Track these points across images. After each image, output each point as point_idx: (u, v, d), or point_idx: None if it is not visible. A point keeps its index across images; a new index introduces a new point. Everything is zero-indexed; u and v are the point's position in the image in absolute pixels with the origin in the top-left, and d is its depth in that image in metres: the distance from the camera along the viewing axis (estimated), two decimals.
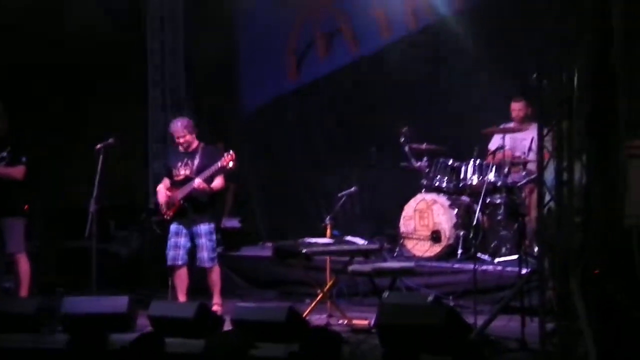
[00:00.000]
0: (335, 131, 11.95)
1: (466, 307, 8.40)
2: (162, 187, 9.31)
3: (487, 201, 10.00)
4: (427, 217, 10.20)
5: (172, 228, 9.19)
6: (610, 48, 7.29)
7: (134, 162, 12.21)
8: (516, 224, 9.39)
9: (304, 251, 8.68)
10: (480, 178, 10.09)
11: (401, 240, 10.34)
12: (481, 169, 10.12)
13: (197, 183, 9.02)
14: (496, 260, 9.67)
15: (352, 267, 8.91)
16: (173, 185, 9.25)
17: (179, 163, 9.23)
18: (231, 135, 11.84)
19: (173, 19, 12.50)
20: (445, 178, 10.34)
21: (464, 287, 8.90)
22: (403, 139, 10.46)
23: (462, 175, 10.25)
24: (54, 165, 11.01)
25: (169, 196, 9.19)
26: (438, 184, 10.36)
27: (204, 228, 9.14)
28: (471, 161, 10.19)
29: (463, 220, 10.11)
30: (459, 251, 10.00)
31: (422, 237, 10.19)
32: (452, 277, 9.52)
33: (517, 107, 10.17)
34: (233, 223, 11.33)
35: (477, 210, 9.90)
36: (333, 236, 9.22)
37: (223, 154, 9.00)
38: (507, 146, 10.00)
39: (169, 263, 9.17)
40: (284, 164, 12.14)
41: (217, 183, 9.16)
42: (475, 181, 10.15)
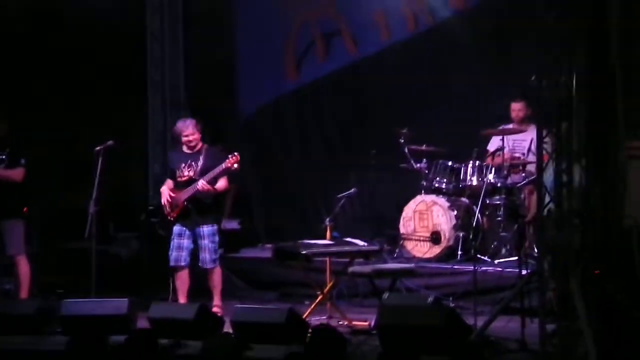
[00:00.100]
0: (334, 132, 11.93)
1: (466, 308, 8.40)
2: (166, 189, 9.28)
3: (487, 202, 10.00)
4: (427, 219, 10.20)
5: (175, 229, 9.17)
6: (609, 49, 7.29)
7: (134, 163, 12.20)
8: (516, 225, 9.39)
9: (304, 252, 8.68)
10: (479, 179, 10.09)
11: (401, 241, 10.34)
12: (481, 170, 10.12)
13: (201, 185, 9.01)
14: (496, 261, 9.67)
15: (352, 269, 8.91)
16: (176, 186, 9.23)
17: (183, 164, 9.22)
18: (230, 136, 11.83)
19: (173, 20, 12.49)
20: (444, 179, 10.34)
21: (464, 288, 8.90)
22: (402, 141, 10.46)
23: (462, 176, 10.25)
24: (54, 166, 10.99)
25: (173, 197, 9.18)
26: (438, 186, 10.35)
27: (207, 229, 9.13)
28: (470, 162, 10.19)
29: (463, 221, 10.10)
30: (459, 252, 9.99)
31: (422, 239, 10.19)
32: (452, 278, 9.52)
33: (517, 108, 10.17)
34: (232, 225, 11.31)
35: (477, 211, 9.90)
36: (333, 238, 9.23)
37: (227, 156, 9.00)
38: (506, 147, 10.00)
39: (172, 264, 9.17)
40: (284, 165, 12.12)
41: (221, 184, 9.15)
42: (474, 182, 10.15)
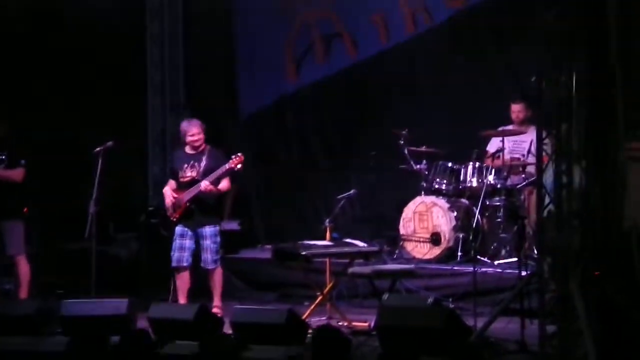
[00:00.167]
0: (334, 133, 11.94)
1: (466, 309, 8.41)
2: (168, 189, 9.29)
3: (487, 203, 10.00)
4: (427, 220, 10.20)
5: (177, 230, 9.17)
6: (609, 49, 7.29)
7: (134, 164, 12.20)
8: (516, 226, 9.39)
9: (304, 253, 8.68)
10: (479, 180, 10.10)
11: (401, 242, 10.34)
12: (480, 172, 10.12)
13: (204, 186, 9.01)
14: (496, 262, 9.67)
15: (352, 270, 8.91)
16: (179, 187, 9.24)
17: (185, 165, 9.22)
18: (230, 136, 11.82)
19: (173, 20, 12.50)
20: (444, 180, 10.34)
21: (464, 289, 8.91)
22: (402, 142, 10.46)
23: (462, 177, 10.26)
24: (54, 166, 10.99)
25: (175, 198, 9.18)
26: (437, 187, 10.36)
27: (209, 230, 9.13)
28: (470, 164, 10.19)
29: (462, 222, 10.11)
30: (459, 253, 10.00)
31: (422, 240, 10.19)
32: (452, 280, 9.53)
33: (517, 109, 10.18)
34: (232, 225, 11.31)
35: (477, 212, 9.91)
36: (333, 238, 9.23)
37: (230, 156, 9.00)
38: (506, 149, 10.01)
39: (174, 264, 9.16)
40: (284, 166, 12.12)
41: (224, 185, 9.15)
42: (474, 184, 10.16)
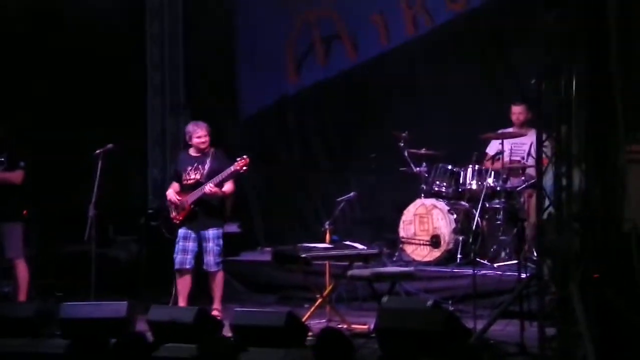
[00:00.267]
0: (334, 135, 11.94)
1: (465, 312, 8.41)
2: (172, 191, 9.28)
3: (487, 206, 10.00)
4: (427, 222, 10.19)
5: (181, 232, 9.16)
6: (609, 51, 7.28)
7: (133, 166, 12.19)
8: (515, 229, 9.39)
9: (303, 256, 8.68)
10: (479, 183, 10.10)
11: (400, 245, 10.34)
12: (480, 174, 10.12)
13: (209, 188, 9.00)
14: (495, 264, 9.67)
15: (352, 272, 8.90)
16: (182, 189, 9.23)
17: (189, 167, 9.22)
18: (231, 137, 11.81)
19: (172, 21, 12.49)
20: (444, 183, 10.34)
21: (464, 292, 8.91)
22: (402, 144, 10.46)
23: (462, 180, 10.26)
24: (53, 167, 10.99)
25: (179, 200, 9.17)
26: (437, 189, 10.35)
27: (213, 232, 9.12)
28: (470, 166, 10.19)
29: (462, 225, 10.11)
30: (459, 256, 10.00)
31: (422, 242, 10.19)
32: (452, 282, 9.53)
33: (518, 111, 10.17)
34: (232, 228, 11.30)
35: (477, 215, 9.90)
36: (332, 241, 9.22)
37: (233, 158, 9.00)
38: (506, 151, 10.00)
39: (177, 267, 9.15)
40: (283, 169, 12.11)
41: (228, 187, 9.15)
42: (474, 186, 10.15)
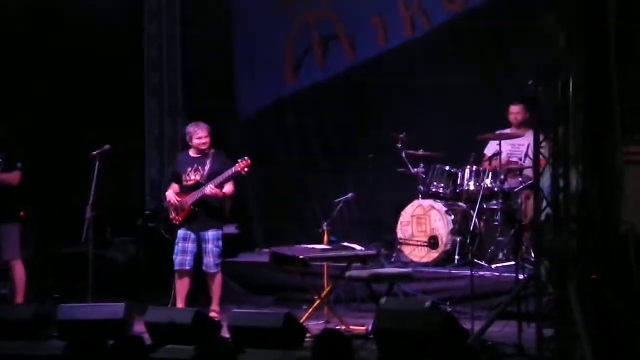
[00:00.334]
0: (332, 136, 11.94)
1: (463, 313, 8.39)
2: (171, 192, 9.27)
3: (484, 207, 10.00)
4: (424, 223, 10.19)
5: (180, 233, 9.16)
6: (607, 52, 7.29)
7: (131, 167, 12.19)
8: (513, 230, 9.39)
9: (301, 257, 8.68)
10: (477, 184, 10.10)
11: (398, 246, 10.34)
12: (478, 175, 10.12)
13: (209, 189, 9.00)
14: (493, 265, 9.66)
15: (350, 273, 8.89)
16: (182, 190, 9.23)
17: (189, 168, 9.22)
18: (230, 138, 11.81)
19: (170, 22, 12.49)
20: (442, 184, 10.34)
21: (461, 293, 8.89)
22: (400, 145, 10.46)
23: (459, 181, 10.26)
24: (51, 167, 10.98)
25: (179, 201, 9.17)
26: (435, 190, 10.35)
27: (213, 234, 9.13)
28: (468, 167, 10.19)
29: (460, 226, 10.10)
30: (456, 257, 9.99)
31: (419, 243, 10.19)
32: (449, 283, 9.52)
33: (516, 111, 10.18)
34: (230, 229, 11.30)
35: (474, 216, 9.90)
36: (330, 242, 9.22)
37: (233, 159, 9.00)
38: (504, 152, 10.00)
39: (176, 268, 9.15)
40: (282, 169, 12.11)
41: (228, 188, 9.15)
42: (472, 187, 10.15)
